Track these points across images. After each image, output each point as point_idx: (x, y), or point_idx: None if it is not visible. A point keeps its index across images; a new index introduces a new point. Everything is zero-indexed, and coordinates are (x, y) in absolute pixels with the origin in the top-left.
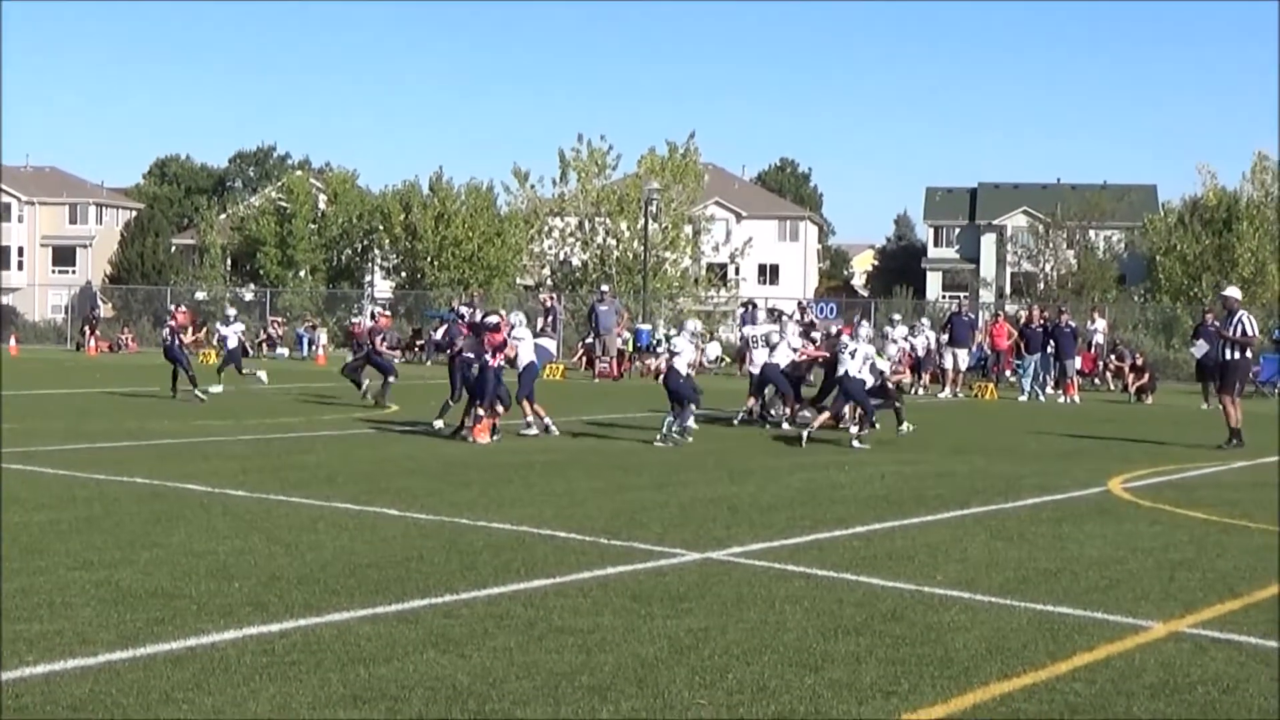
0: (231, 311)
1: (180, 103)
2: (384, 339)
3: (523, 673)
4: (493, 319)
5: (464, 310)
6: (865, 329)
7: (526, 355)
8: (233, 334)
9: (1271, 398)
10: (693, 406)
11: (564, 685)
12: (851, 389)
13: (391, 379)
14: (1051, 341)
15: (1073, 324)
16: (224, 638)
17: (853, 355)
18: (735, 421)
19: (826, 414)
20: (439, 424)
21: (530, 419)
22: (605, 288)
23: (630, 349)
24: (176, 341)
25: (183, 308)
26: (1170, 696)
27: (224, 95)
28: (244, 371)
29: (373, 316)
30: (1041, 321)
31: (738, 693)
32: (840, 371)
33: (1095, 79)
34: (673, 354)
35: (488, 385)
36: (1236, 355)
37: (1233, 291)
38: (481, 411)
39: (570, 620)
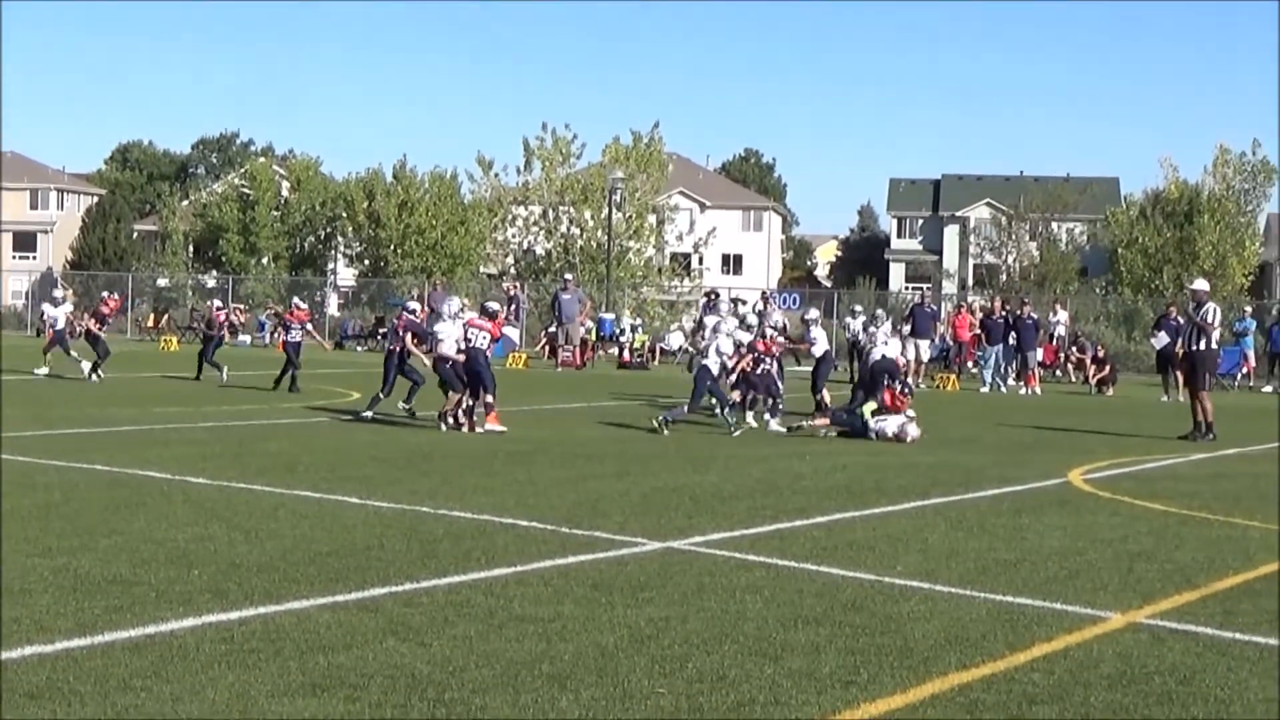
0: (59, 293)
1: (143, 88)
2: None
3: (483, 661)
4: (494, 305)
5: (413, 305)
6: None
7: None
8: (61, 314)
9: (1231, 389)
10: (703, 403)
11: (524, 674)
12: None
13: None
14: (1013, 333)
15: (1034, 316)
16: (183, 625)
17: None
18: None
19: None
20: (369, 414)
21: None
22: (569, 276)
23: (593, 338)
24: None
25: (114, 295)
26: (1128, 687)
27: (187, 81)
28: (71, 354)
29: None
30: (1003, 313)
31: (698, 682)
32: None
33: (1059, 72)
34: (707, 350)
35: (485, 374)
36: (1202, 348)
37: (1200, 284)
38: (490, 399)
39: (531, 609)
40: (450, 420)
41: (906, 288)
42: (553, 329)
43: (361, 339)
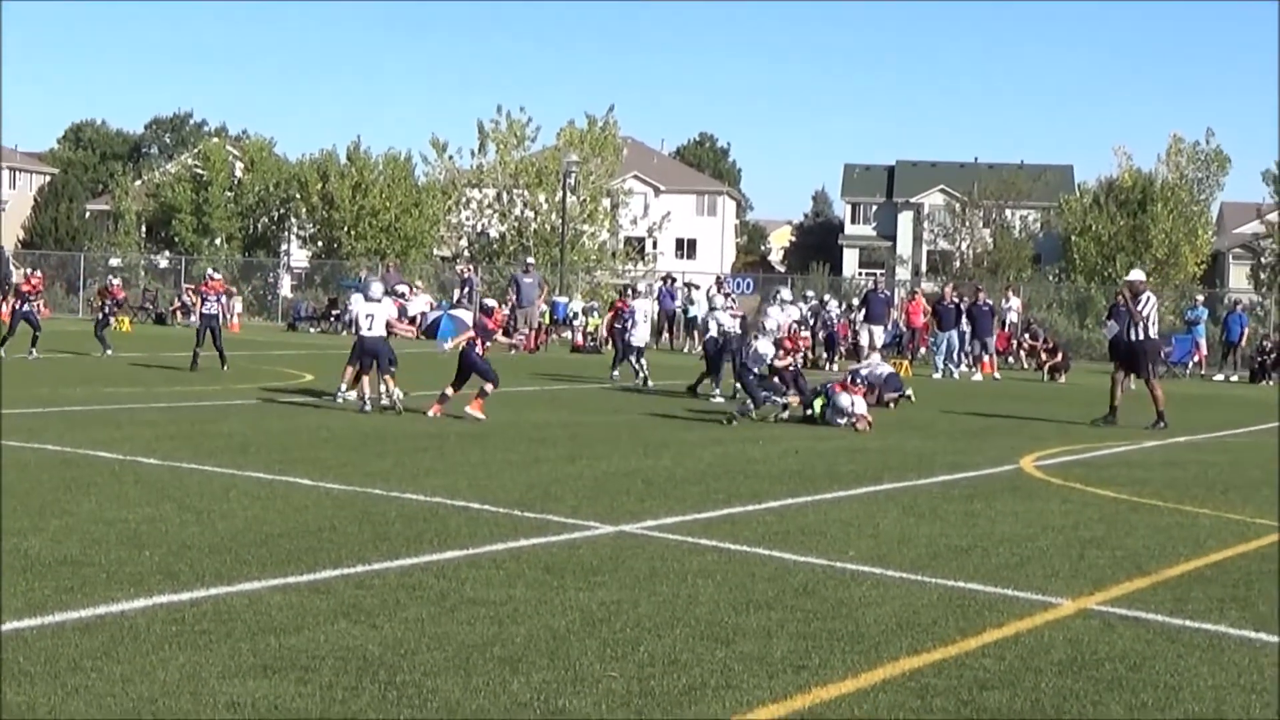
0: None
1: (96, 67)
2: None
3: (434, 644)
4: (490, 302)
5: (402, 289)
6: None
7: (380, 328)
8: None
9: (1183, 377)
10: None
11: (475, 656)
12: None
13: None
14: (968, 319)
15: (990, 302)
16: (134, 606)
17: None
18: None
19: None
20: (345, 397)
21: (372, 394)
22: (530, 260)
23: (547, 321)
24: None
25: (36, 273)
26: (1078, 673)
27: (140, 61)
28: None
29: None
30: (954, 299)
31: (649, 665)
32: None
33: (1014, 60)
34: (752, 343)
35: (480, 364)
36: (1144, 337)
37: (1137, 274)
38: (489, 388)
39: (483, 592)
40: (364, 399)
41: (860, 273)
42: (507, 311)
43: (315, 320)
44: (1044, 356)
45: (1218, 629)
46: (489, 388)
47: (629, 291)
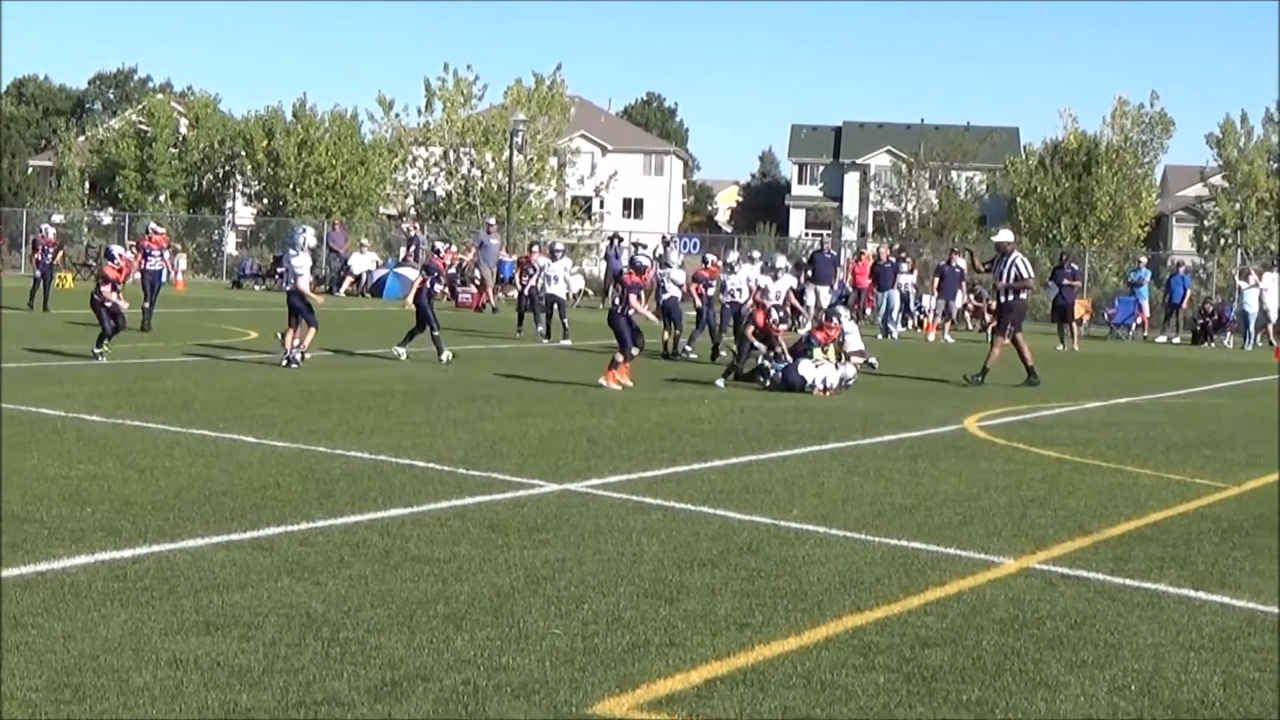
0: None
1: (38, 22)
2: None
3: (378, 601)
4: (643, 261)
5: (439, 246)
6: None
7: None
8: None
9: (1126, 339)
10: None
11: (419, 614)
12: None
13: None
14: (938, 279)
15: (960, 266)
16: (75, 563)
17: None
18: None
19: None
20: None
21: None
22: (491, 221)
23: (494, 280)
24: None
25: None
26: (1020, 631)
27: (84, 15)
28: None
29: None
30: (891, 258)
31: (593, 623)
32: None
33: (961, 21)
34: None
35: (623, 331)
36: (1011, 298)
37: (1004, 235)
38: (620, 357)
39: (427, 549)
40: (291, 356)
41: (807, 234)
42: (477, 274)
43: (259, 278)
44: (988, 318)
45: (1157, 588)
46: (619, 356)
47: (536, 247)
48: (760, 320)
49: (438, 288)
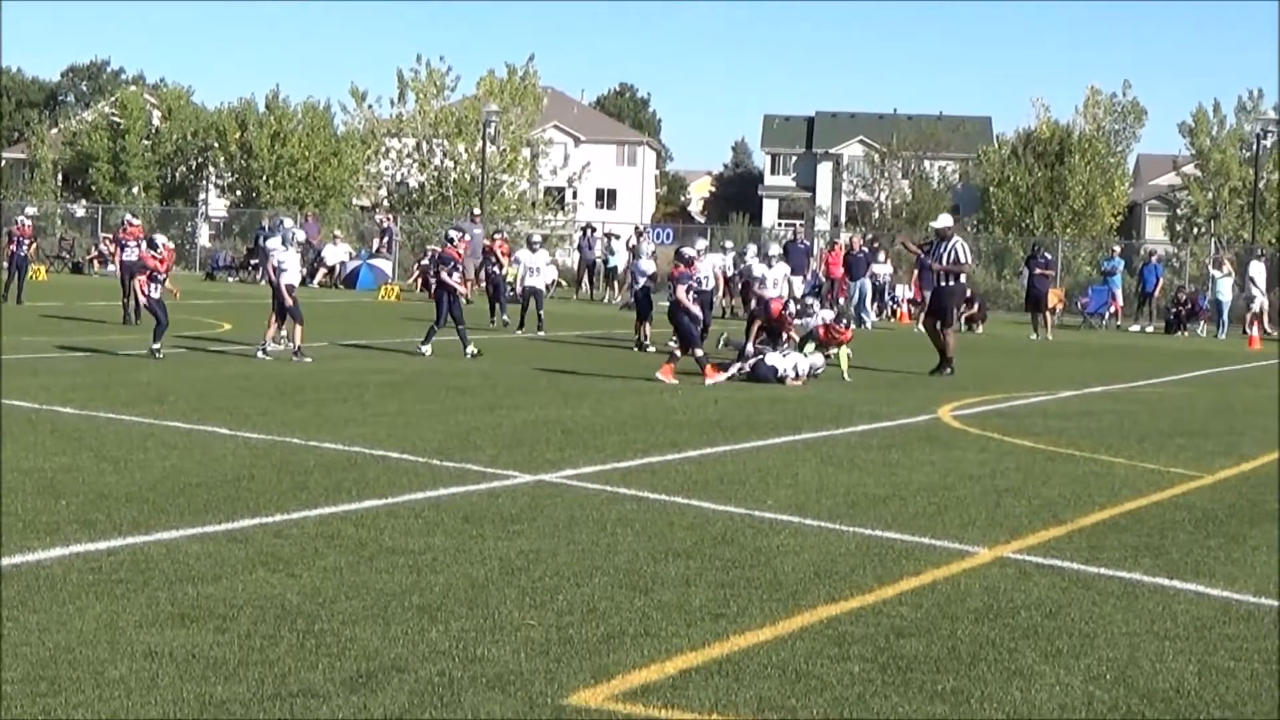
0: None
1: (9, 13)
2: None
3: (353, 592)
4: (690, 251)
5: (453, 235)
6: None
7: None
8: None
9: (1099, 328)
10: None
11: (394, 605)
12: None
13: None
14: (917, 270)
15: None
16: (50, 555)
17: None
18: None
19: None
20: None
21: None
22: (477, 210)
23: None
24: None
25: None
26: (994, 620)
27: (56, 7)
28: None
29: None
30: (863, 249)
31: (568, 614)
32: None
33: (933, 10)
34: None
35: (686, 327)
36: (950, 282)
37: (944, 219)
38: (678, 352)
39: (401, 541)
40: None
41: (780, 224)
42: (424, 261)
43: (233, 270)
44: (962, 307)
45: (1132, 577)
46: (677, 351)
47: (499, 236)
48: (776, 310)
49: (454, 277)
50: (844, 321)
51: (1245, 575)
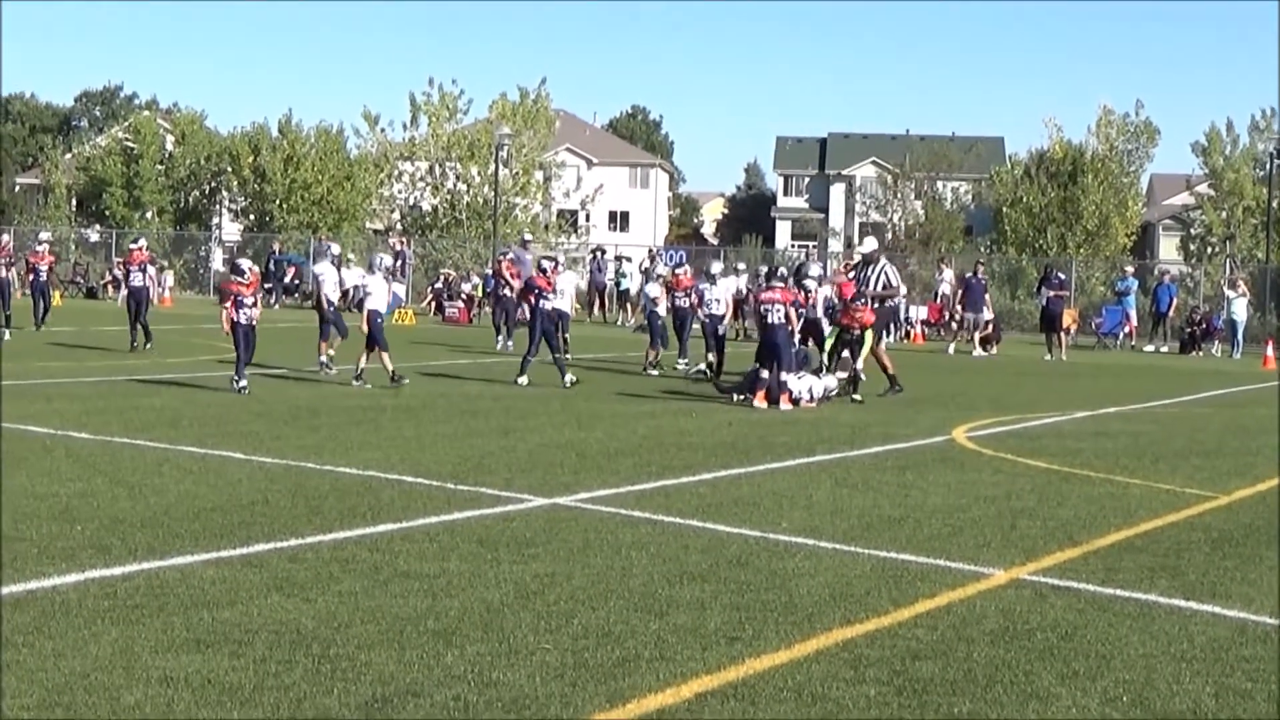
0: None
1: (25, 40)
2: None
3: (368, 617)
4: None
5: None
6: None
7: (379, 301)
8: None
9: (1114, 349)
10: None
11: (409, 630)
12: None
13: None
14: (963, 290)
15: (984, 278)
16: (66, 581)
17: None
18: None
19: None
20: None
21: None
22: (528, 236)
23: (480, 294)
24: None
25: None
26: (1010, 642)
27: (70, 33)
28: None
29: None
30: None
31: (583, 637)
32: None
33: (946, 31)
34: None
35: (784, 349)
36: (879, 305)
37: (869, 243)
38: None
39: (416, 565)
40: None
41: (793, 245)
42: (438, 285)
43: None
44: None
45: (1148, 598)
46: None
47: (506, 258)
48: (846, 291)
49: (546, 304)
50: (862, 300)
51: (1262, 596)
